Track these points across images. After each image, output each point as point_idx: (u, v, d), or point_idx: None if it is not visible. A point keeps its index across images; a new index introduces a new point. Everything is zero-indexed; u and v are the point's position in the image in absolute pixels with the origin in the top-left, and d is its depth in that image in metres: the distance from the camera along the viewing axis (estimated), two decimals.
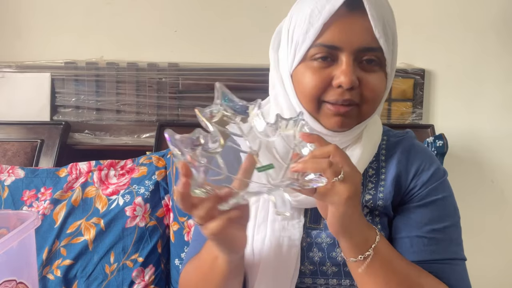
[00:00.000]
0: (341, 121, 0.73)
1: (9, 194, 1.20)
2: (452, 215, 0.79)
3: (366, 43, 0.71)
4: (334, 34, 0.70)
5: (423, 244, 0.75)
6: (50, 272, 1.12)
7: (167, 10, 1.58)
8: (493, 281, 1.59)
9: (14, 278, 0.66)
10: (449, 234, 0.77)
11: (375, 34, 0.70)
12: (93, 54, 1.58)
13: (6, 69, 1.57)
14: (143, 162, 1.24)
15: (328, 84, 0.72)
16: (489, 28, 1.52)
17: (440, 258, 0.75)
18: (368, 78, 0.72)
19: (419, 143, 0.85)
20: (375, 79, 0.73)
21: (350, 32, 0.70)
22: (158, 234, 1.17)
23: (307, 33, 0.72)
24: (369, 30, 0.70)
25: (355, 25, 0.70)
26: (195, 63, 1.55)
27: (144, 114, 1.57)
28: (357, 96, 0.72)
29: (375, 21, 0.70)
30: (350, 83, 0.70)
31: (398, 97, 1.53)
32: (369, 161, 0.80)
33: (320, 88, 0.72)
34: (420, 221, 0.77)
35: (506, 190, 1.58)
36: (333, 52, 0.71)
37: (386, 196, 0.79)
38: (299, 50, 0.73)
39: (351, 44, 0.70)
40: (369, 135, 0.79)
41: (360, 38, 0.70)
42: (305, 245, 0.78)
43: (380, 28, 0.71)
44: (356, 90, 0.72)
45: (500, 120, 1.55)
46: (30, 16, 1.60)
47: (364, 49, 0.71)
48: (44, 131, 1.51)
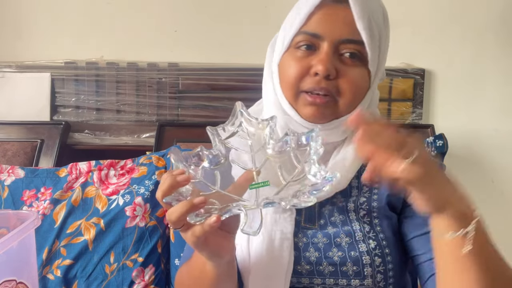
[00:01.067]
0: (317, 110, 0.73)
1: (9, 194, 1.20)
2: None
3: (348, 34, 0.71)
4: (318, 23, 0.72)
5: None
6: (50, 272, 1.12)
7: (167, 10, 1.58)
8: None
9: (14, 278, 0.66)
10: None
11: (357, 26, 0.71)
12: (93, 54, 1.58)
13: (6, 69, 1.57)
14: (143, 162, 1.24)
15: (306, 73, 0.73)
16: (489, 28, 1.52)
17: None
18: (347, 70, 0.73)
19: None
20: (354, 73, 0.73)
21: (333, 22, 0.71)
22: (158, 234, 1.17)
23: (294, 21, 0.74)
24: (352, 23, 0.71)
25: (338, 16, 0.71)
26: (195, 63, 1.55)
27: (144, 114, 1.57)
28: (334, 86, 0.72)
29: (358, 14, 0.70)
30: (325, 71, 0.70)
31: (398, 97, 1.53)
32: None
33: (299, 77, 0.73)
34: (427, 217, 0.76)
35: (506, 190, 1.58)
36: (315, 41, 0.72)
37: (381, 197, 0.79)
38: (286, 38, 0.75)
39: (332, 34, 0.71)
40: None
41: (342, 29, 0.71)
42: (302, 245, 0.78)
43: (363, 22, 0.71)
44: (333, 81, 0.72)
45: (500, 120, 1.55)
46: (30, 16, 1.60)
47: (346, 40, 0.72)
48: (44, 131, 1.51)
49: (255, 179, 0.63)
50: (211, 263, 0.67)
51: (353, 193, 0.81)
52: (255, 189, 0.62)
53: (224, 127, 0.64)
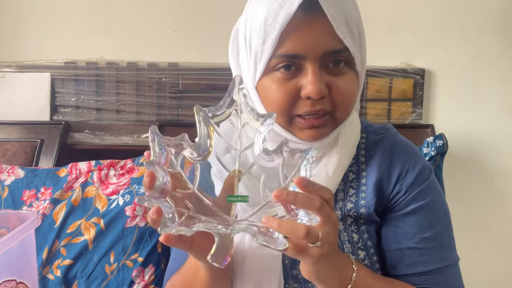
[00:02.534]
0: (316, 133, 0.69)
1: (9, 194, 1.20)
2: (442, 218, 0.76)
3: (330, 47, 0.65)
4: (294, 42, 0.64)
5: (415, 256, 0.73)
6: (50, 272, 1.12)
7: (167, 10, 1.58)
8: (493, 281, 1.59)
9: (14, 278, 0.66)
10: (440, 240, 0.74)
11: (339, 35, 0.64)
12: (93, 54, 1.58)
13: (6, 69, 1.57)
14: (143, 162, 1.24)
15: (297, 96, 0.66)
16: (489, 28, 1.52)
17: (433, 268, 0.73)
18: (338, 82, 0.67)
19: (401, 140, 0.80)
20: (345, 82, 0.67)
21: (311, 37, 0.64)
22: (158, 234, 1.16)
23: (264, 43, 0.66)
24: (332, 32, 0.64)
25: (315, 29, 0.64)
26: (195, 63, 1.55)
27: (144, 114, 1.57)
28: (329, 104, 0.67)
29: (337, 22, 0.64)
30: (319, 93, 0.64)
31: (398, 97, 1.53)
32: (348, 164, 0.75)
33: (289, 102, 0.67)
34: (410, 231, 0.73)
35: (506, 190, 1.58)
36: (296, 61, 0.66)
37: (369, 203, 0.75)
38: (260, 62, 0.67)
39: (314, 50, 0.64)
40: (346, 137, 0.75)
41: (323, 43, 0.65)
42: (288, 262, 0.74)
43: (343, 27, 0.64)
44: (327, 98, 0.67)
45: (500, 120, 1.55)
46: (30, 16, 1.60)
47: (329, 53, 0.65)
48: (44, 131, 1.51)
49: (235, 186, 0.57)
50: (202, 264, 0.66)
51: (338, 197, 0.77)
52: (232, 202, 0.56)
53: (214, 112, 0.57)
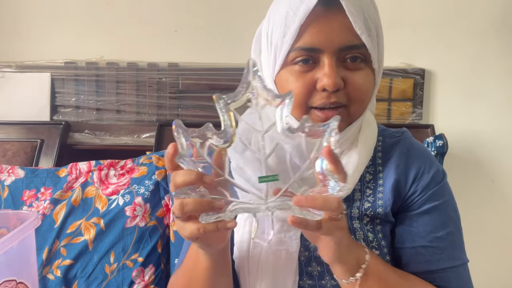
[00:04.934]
0: None
1: (9, 194, 1.20)
2: (454, 218, 0.78)
3: (347, 42, 0.67)
4: (313, 35, 0.67)
5: (428, 254, 0.74)
6: (50, 272, 1.12)
7: (167, 10, 1.58)
8: (493, 281, 1.59)
9: (14, 278, 0.66)
10: (452, 240, 0.76)
11: (356, 31, 0.66)
12: (93, 54, 1.58)
13: (6, 69, 1.57)
14: (143, 162, 1.24)
15: (313, 88, 0.69)
16: (489, 28, 1.52)
17: (445, 267, 0.74)
18: (354, 77, 0.69)
19: (417, 143, 0.82)
20: (361, 77, 0.69)
21: (329, 31, 0.67)
22: (158, 234, 1.17)
23: (285, 36, 0.69)
24: (349, 27, 0.66)
25: (333, 23, 0.67)
26: (195, 63, 1.55)
27: (144, 114, 1.57)
28: (344, 97, 0.69)
29: (354, 17, 0.66)
30: (334, 85, 0.67)
31: (398, 97, 1.53)
32: (365, 165, 0.77)
33: (306, 94, 0.69)
34: (423, 230, 0.75)
35: (506, 190, 1.58)
36: (314, 55, 0.68)
37: (386, 203, 0.77)
38: (279, 55, 0.70)
39: (331, 44, 0.67)
40: (364, 139, 0.76)
41: (340, 37, 0.67)
42: (304, 259, 0.76)
43: (360, 23, 0.66)
44: (342, 91, 0.69)
45: (500, 120, 1.55)
46: (30, 16, 1.60)
47: (346, 47, 0.67)
48: (44, 131, 1.51)
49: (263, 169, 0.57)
50: (204, 253, 0.66)
51: (355, 197, 0.78)
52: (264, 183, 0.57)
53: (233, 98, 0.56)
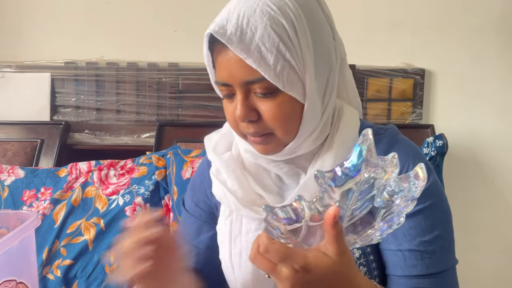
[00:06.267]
0: (264, 147, 0.71)
1: (9, 194, 1.20)
2: (442, 220, 0.75)
3: (246, 76, 0.66)
4: (220, 72, 0.69)
5: (417, 258, 0.72)
6: (50, 272, 1.12)
7: (167, 10, 1.58)
8: (493, 281, 1.59)
9: (14, 278, 0.66)
10: (440, 244, 0.74)
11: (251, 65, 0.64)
12: (93, 54, 1.58)
13: (6, 69, 1.57)
14: (143, 162, 1.24)
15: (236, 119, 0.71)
16: (489, 28, 1.52)
17: (434, 272, 0.72)
18: (267, 107, 0.68)
19: (401, 139, 0.78)
20: (272, 107, 0.67)
21: (229, 68, 0.67)
22: None
23: (208, 70, 0.73)
24: (243, 63, 0.65)
25: (230, 60, 0.66)
26: (195, 63, 1.55)
27: (144, 114, 1.57)
28: (261, 127, 0.69)
29: (244, 54, 0.64)
30: (242, 118, 0.68)
31: (398, 97, 1.53)
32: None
33: (234, 123, 0.72)
34: (410, 233, 0.73)
35: (506, 190, 1.58)
36: (230, 88, 0.69)
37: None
38: (214, 86, 0.74)
39: (234, 79, 0.67)
40: (342, 141, 0.74)
41: (239, 73, 0.66)
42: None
43: (254, 57, 0.64)
44: (258, 122, 0.69)
45: (500, 120, 1.55)
46: (30, 16, 1.60)
47: (247, 82, 0.67)
48: (44, 131, 1.51)
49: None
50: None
51: None
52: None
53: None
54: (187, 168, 1.19)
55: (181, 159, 1.21)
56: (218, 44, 0.67)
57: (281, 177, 0.76)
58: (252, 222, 0.74)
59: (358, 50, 1.34)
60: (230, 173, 0.76)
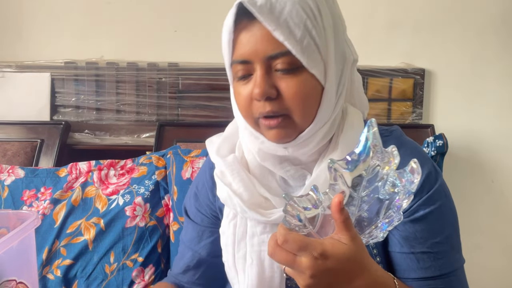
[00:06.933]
0: (277, 132, 0.70)
1: (9, 194, 1.20)
2: (451, 220, 0.76)
3: (271, 50, 0.67)
4: (241, 48, 0.69)
5: (430, 260, 0.73)
6: (50, 272, 1.12)
7: (167, 10, 1.58)
8: (493, 281, 1.59)
9: (14, 278, 0.66)
10: (451, 243, 0.75)
11: (278, 38, 0.66)
12: (93, 54, 1.58)
13: (6, 69, 1.57)
14: (143, 162, 1.24)
15: (252, 99, 0.70)
16: (489, 28, 1.52)
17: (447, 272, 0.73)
18: (288, 84, 0.68)
19: (407, 142, 0.79)
20: (294, 85, 0.68)
21: (254, 42, 0.67)
22: (158, 234, 1.17)
23: (224, 51, 0.72)
24: (270, 36, 0.66)
25: (255, 34, 0.67)
26: (195, 63, 1.55)
27: (144, 114, 1.57)
28: (280, 106, 0.68)
29: (272, 26, 0.65)
30: (262, 95, 0.67)
31: (398, 97, 1.53)
32: None
33: (247, 106, 0.70)
34: (421, 236, 0.73)
35: (506, 190, 1.58)
36: (249, 67, 0.69)
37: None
38: (228, 69, 0.73)
39: (257, 54, 0.67)
40: (346, 141, 0.75)
41: (264, 47, 0.67)
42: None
43: (280, 31, 0.65)
44: (277, 101, 0.68)
45: (500, 120, 1.55)
46: (30, 16, 1.60)
47: (271, 57, 0.67)
48: (44, 131, 1.51)
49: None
50: None
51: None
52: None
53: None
54: (187, 168, 1.19)
55: (181, 159, 1.21)
56: (243, 21, 0.67)
57: (286, 180, 0.76)
58: (258, 225, 0.74)
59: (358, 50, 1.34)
60: (235, 175, 0.75)
